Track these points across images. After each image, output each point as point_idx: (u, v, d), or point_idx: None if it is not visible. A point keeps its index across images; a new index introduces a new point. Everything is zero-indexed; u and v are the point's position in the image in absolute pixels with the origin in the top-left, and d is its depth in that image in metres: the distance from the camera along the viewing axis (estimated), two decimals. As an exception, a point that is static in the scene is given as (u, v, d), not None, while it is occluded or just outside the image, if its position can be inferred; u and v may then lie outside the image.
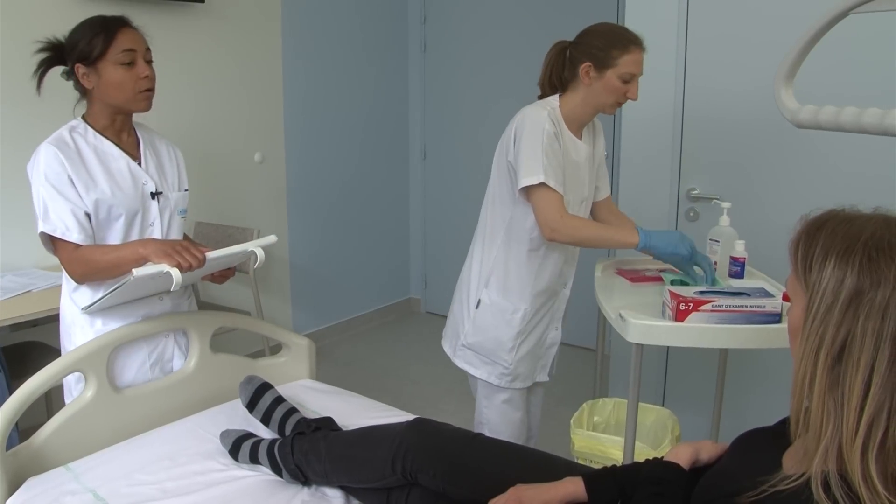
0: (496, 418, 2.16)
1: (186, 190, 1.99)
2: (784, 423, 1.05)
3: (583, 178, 2.08)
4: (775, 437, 1.07)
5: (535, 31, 1.90)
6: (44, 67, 1.80)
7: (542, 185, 1.88)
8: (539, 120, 1.92)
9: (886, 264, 0.87)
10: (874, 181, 2.23)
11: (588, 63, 1.93)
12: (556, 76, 2.04)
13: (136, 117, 1.91)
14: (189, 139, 3.43)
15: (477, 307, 2.13)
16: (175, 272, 1.61)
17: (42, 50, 1.79)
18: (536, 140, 1.90)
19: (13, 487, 1.62)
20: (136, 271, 1.57)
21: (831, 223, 0.95)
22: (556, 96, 2.03)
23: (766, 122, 2.43)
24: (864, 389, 0.87)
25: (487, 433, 2.14)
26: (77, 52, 1.76)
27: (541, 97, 2.08)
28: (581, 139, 2.06)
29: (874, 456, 0.86)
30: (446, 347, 2.25)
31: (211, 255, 1.71)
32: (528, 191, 1.93)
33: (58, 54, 1.80)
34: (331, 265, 4.39)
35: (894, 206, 0.98)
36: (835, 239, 0.92)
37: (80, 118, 1.84)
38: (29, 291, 2.55)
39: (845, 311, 0.89)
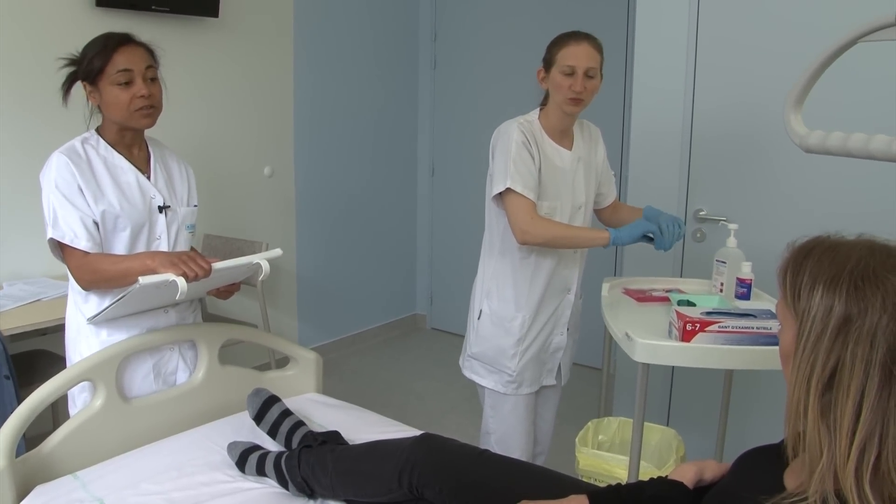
0: (502, 428, 2.17)
1: (196, 206, 2.01)
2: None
3: (574, 185, 2.11)
4: (778, 455, 1.08)
5: (545, 50, 1.94)
6: (69, 82, 1.84)
7: (511, 190, 1.96)
8: (508, 131, 2.02)
9: (872, 292, 0.90)
10: (881, 204, 2.24)
11: (540, 69, 2.06)
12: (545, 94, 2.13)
13: (148, 132, 1.93)
14: (200, 152, 3.46)
15: (479, 318, 2.17)
16: (181, 281, 1.63)
17: (67, 65, 1.83)
18: (505, 149, 2.00)
19: (21, 494, 1.63)
20: (143, 279, 1.59)
21: (817, 251, 0.97)
22: (536, 110, 2.12)
23: (774, 144, 2.45)
24: (855, 415, 0.89)
25: (493, 443, 2.16)
26: (81, 71, 1.80)
27: None
28: (570, 148, 2.11)
29: (868, 479, 0.88)
30: (460, 361, 2.29)
31: (217, 265, 1.72)
32: (501, 199, 2.01)
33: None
34: (338, 280, 4.40)
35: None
36: (822, 267, 0.95)
37: (93, 130, 1.87)
38: (38, 300, 2.57)
39: (835, 338, 0.91)
